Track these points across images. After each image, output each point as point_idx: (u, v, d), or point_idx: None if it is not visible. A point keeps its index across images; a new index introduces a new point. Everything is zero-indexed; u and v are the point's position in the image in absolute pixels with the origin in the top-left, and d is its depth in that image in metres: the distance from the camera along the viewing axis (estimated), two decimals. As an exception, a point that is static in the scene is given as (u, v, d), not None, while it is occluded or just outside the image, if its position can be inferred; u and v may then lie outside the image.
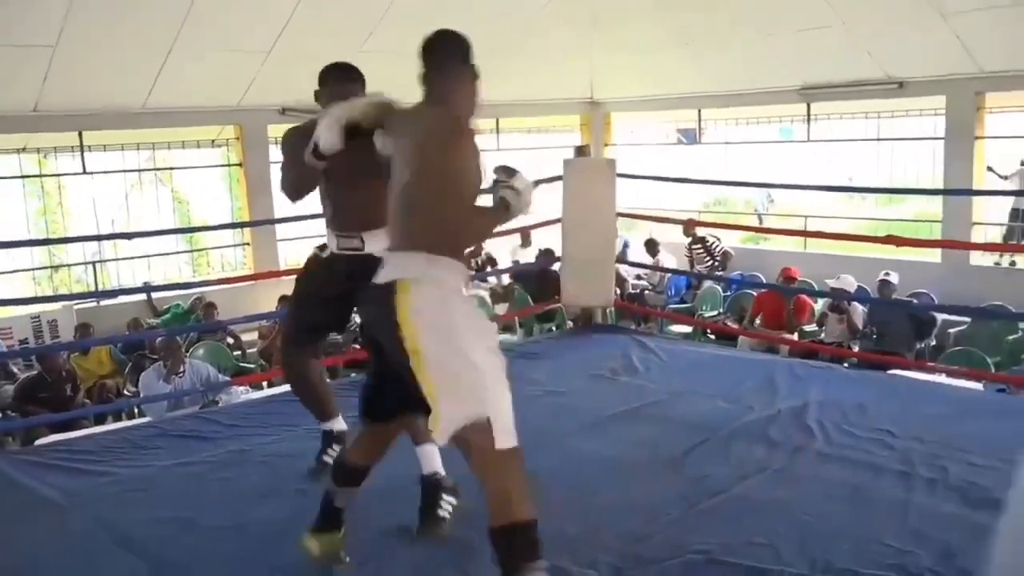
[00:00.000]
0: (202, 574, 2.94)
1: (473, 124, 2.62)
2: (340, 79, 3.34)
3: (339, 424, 3.68)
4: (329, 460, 3.57)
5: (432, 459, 3.13)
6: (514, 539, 2.38)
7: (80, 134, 9.81)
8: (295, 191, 3.33)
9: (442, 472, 3.14)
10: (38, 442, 5.18)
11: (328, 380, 3.97)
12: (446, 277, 2.48)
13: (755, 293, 9.35)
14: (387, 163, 2.82)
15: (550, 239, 9.75)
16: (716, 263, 11.01)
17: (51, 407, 6.91)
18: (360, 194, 3.27)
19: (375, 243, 3.21)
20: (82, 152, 9.98)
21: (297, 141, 3.24)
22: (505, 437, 2.41)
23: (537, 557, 2.37)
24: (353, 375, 6.16)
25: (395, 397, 2.64)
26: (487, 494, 2.42)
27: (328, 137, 2.95)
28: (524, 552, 2.37)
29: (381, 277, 2.51)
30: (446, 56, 2.73)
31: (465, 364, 2.40)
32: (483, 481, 2.44)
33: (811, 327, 8.57)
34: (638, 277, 11.27)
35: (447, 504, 3.12)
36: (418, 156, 2.53)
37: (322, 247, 3.52)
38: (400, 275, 2.47)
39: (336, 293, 3.39)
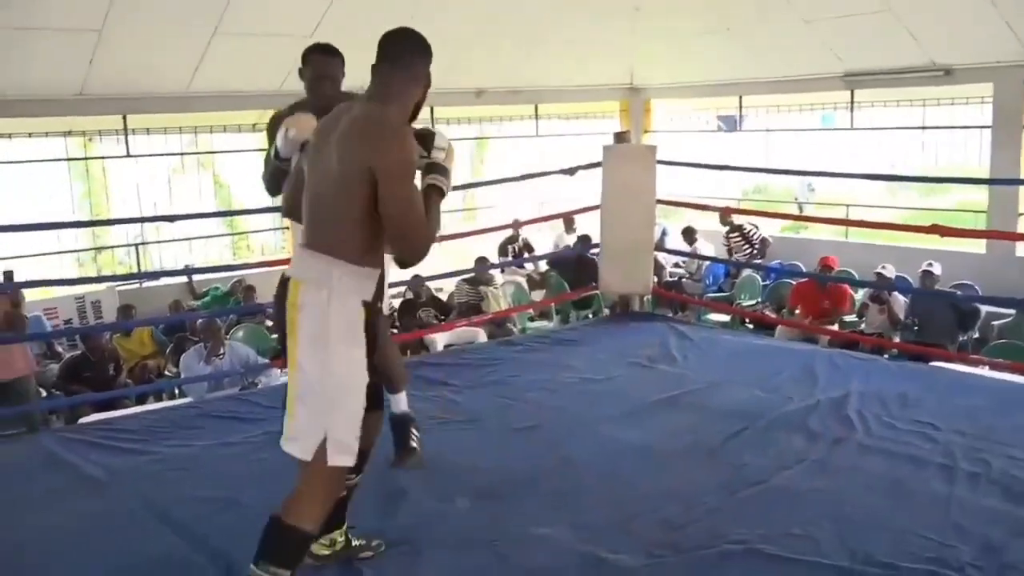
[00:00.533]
0: (241, 553, 2.95)
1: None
2: (321, 58, 3.39)
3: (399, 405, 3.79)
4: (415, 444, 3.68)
5: (401, 402, 3.42)
6: (285, 538, 2.32)
7: (124, 118, 9.94)
8: (269, 187, 3.42)
9: (409, 412, 3.44)
10: (81, 420, 5.28)
11: None
12: (346, 283, 2.33)
13: (794, 283, 9.27)
14: None
15: (587, 225, 9.75)
16: (755, 251, 10.93)
17: (94, 386, 7.04)
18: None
19: None
20: (126, 136, 10.11)
21: (273, 132, 3.32)
22: (338, 455, 2.32)
23: (289, 568, 2.30)
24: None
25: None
26: (295, 491, 2.37)
27: (285, 148, 3.07)
28: (283, 555, 2.32)
29: (293, 272, 2.42)
30: (412, 53, 2.55)
31: (324, 373, 2.31)
32: (300, 481, 2.39)
33: (851, 317, 8.48)
34: (676, 265, 11.23)
35: (415, 435, 3.44)
36: (347, 154, 2.33)
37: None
38: (304, 275, 2.37)
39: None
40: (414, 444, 3.44)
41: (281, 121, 3.25)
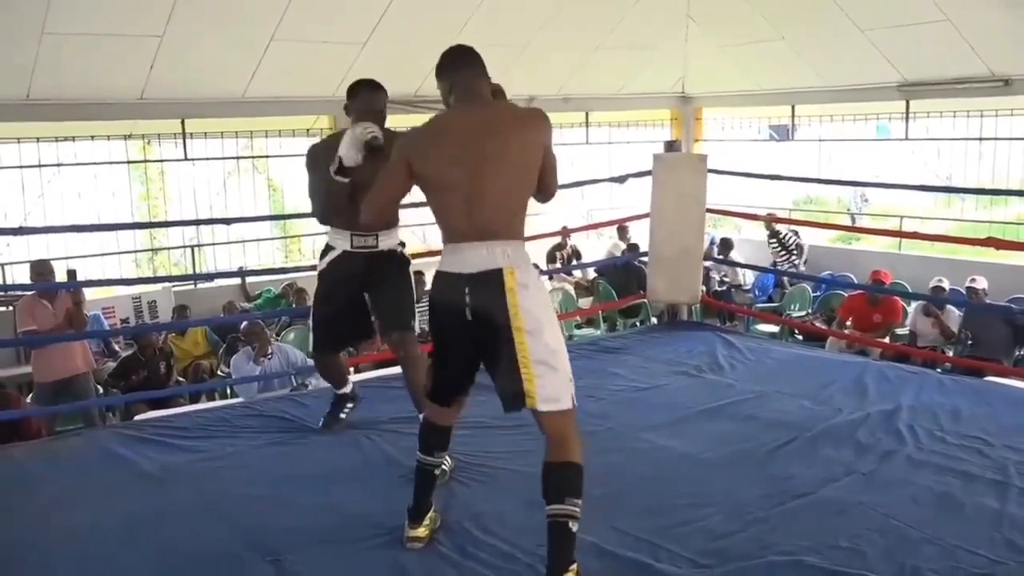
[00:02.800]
0: (298, 547, 3.03)
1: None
2: (370, 94, 3.73)
3: (348, 387, 4.33)
4: (344, 416, 4.29)
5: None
6: (573, 475, 2.65)
7: (183, 122, 10.12)
8: (324, 210, 3.86)
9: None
10: (137, 417, 5.37)
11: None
12: (528, 261, 2.75)
13: (845, 294, 9.17)
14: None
15: (635, 233, 9.75)
16: (793, 257, 10.85)
17: (144, 385, 7.19)
18: None
19: (387, 241, 3.86)
20: (184, 139, 10.30)
21: (321, 156, 3.69)
22: (573, 398, 2.73)
23: (578, 495, 2.63)
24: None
25: (467, 381, 2.93)
26: (563, 437, 2.69)
27: (350, 154, 3.47)
28: (577, 488, 2.64)
29: (483, 265, 2.68)
30: (480, 63, 2.91)
31: (557, 339, 2.71)
32: (552, 434, 2.70)
33: (903, 330, 8.36)
34: (724, 275, 11.16)
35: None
36: (511, 156, 2.71)
37: (325, 251, 3.97)
38: (504, 263, 2.67)
39: (354, 290, 3.90)
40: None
41: (319, 152, 3.72)
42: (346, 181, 3.54)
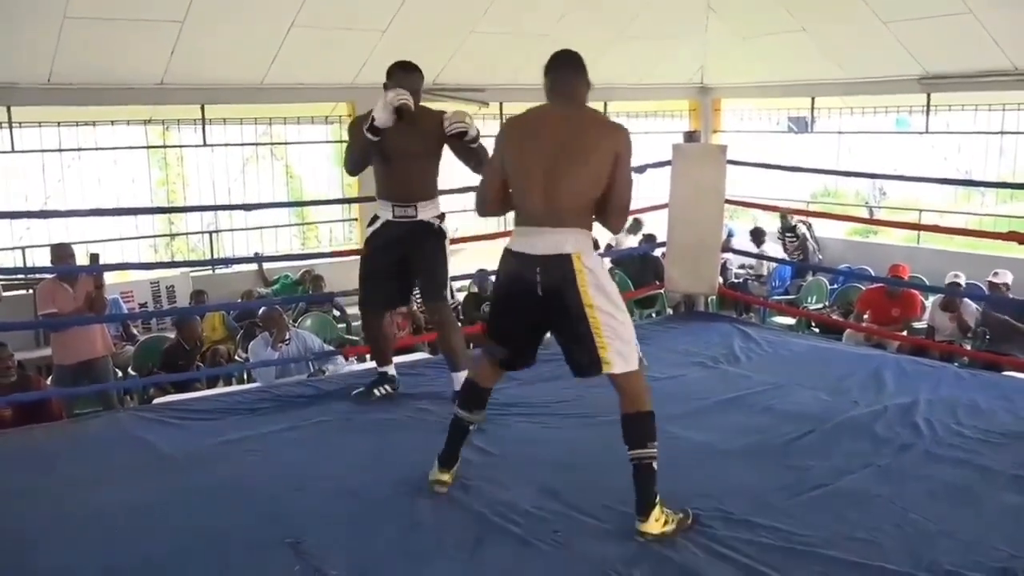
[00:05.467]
0: (316, 530, 3.06)
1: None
2: (406, 75, 4.00)
3: (392, 370, 4.57)
4: (379, 393, 4.48)
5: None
6: (647, 421, 3.03)
7: (202, 108, 10.16)
8: (354, 166, 4.14)
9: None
10: (155, 401, 5.41)
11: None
12: (592, 247, 3.07)
13: (862, 287, 9.13)
14: (433, 143, 3.98)
15: (652, 224, 9.72)
16: (808, 249, 10.91)
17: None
18: (414, 170, 4.08)
19: (426, 212, 4.16)
20: (203, 125, 10.34)
21: (360, 125, 3.98)
22: (639, 358, 3.08)
23: (654, 439, 3.00)
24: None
25: (522, 347, 3.25)
26: (631, 391, 3.04)
27: (382, 116, 3.80)
28: (652, 432, 3.02)
29: (554, 249, 2.98)
30: (579, 67, 3.17)
31: (622, 312, 3.06)
32: (625, 390, 3.04)
33: (921, 324, 8.32)
34: (741, 266, 11.14)
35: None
36: (585, 153, 2.99)
37: (372, 220, 4.28)
38: (573, 248, 2.98)
39: (396, 255, 4.20)
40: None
41: (360, 124, 4.00)
42: (375, 139, 3.89)
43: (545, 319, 3.11)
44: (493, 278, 3.36)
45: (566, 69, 3.13)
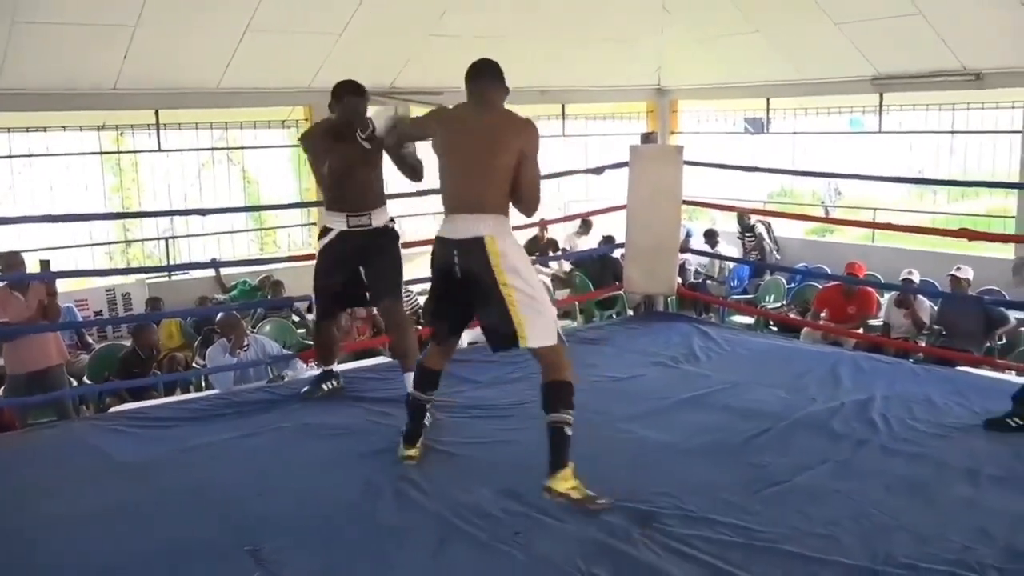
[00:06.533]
0: (275, 537, 3.04)
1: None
2: (354, 100, 4.12)
3: (334, 366, 4.71)
4: (327, 388, 4.59)
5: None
6: (565, 390, 3.25)
7: (156, 112, 10.04)
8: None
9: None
10: (112, 409, 5.30)
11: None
12: (508, 230, 3.34)
13: (819, 285, 9.23)
14: (375, 151, 4.07)
15: (610, 225, 9.75)
16: (767, 249, 11.06)
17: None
18: (364, 179, 4.17)
19: (379, 218, 4.26)
20: (157, 130, 10.21)
21: (321, 137, 4.20)
22: (560, 333, 3.33)
23: (571, 407, 3.23)
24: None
25: (459, 324, 3.58)
26: (551, 364, 3.29)
27: (384, 124, 3.85)
28: (568, 399, 3.24)
29: (469, 233, 3.25)
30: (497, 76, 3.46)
31: (539, 291, 3.30)
32: (547, 358, 3.29)
33: (877, 321, 8.43)
34: (700, 266, 11.22)
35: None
36: (499, 146, 3.29)
37: (324, 231, 4.34)
38: (486, 231, 3.24)
39: (353, 266, 4.25)
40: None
41: (311, 139, 4.26)
42: (368, 146, 4.06)
43: (467, 298, 3.38)
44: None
45: (484, 78, 3.42)
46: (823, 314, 8.44)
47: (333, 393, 4.62)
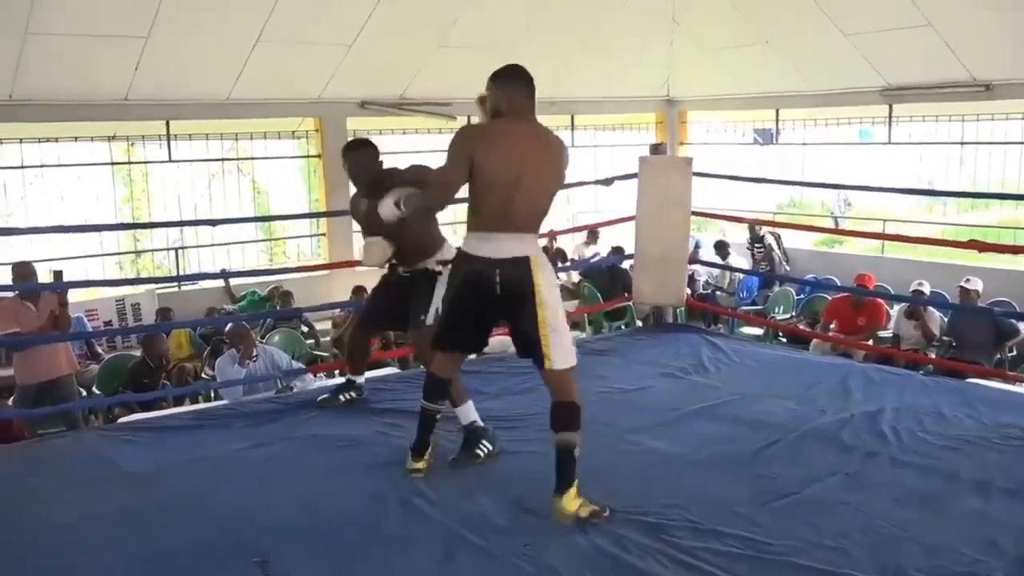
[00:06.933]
0: (283, 548, 3.03)
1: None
2: (363, 152, 4.32)
3: (361, 379, 4.68)
4: (344, 399, 4.59)
5: (469, 414, 3.87)
6: (574, 411, 3.25)
7: (167, 123, 10.07)
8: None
9: (479, 422, 3.86)
10: (121, 420, 5.32)
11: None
12: (542, 252, 3.37)
13: (829, 297, 9.20)
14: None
15: (619, 236, 9.76)
16: (776, 260, 11.03)
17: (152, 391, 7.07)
18: (407, 235, 4.13)
19: (427, 263, 4.26)
20: (168, 141, 10.24)
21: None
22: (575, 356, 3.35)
23: (579, 427, 3.23)
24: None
25: (472, 339, 3.52)
26: (561, 388, 3.28)
27: (388, 216, 3.69)
28: (577, 421, 3.24)
29: (514, 252, 3.26)
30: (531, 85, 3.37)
31: (562, 313, 3.34)
32: (558, 382, 3.29)
33: (886, 333, 8.39)
34: (708, 278, 11.20)
35: (485, 446, 3.83)
36: (552, 167, 3.35)
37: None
38: (532, 252, 3.28)
39: (399, 294, 4.33)
40: (479, 452, 3.82)
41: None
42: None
43: (500, 314, 3.41)
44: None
45: (531, 89, 3.33)
46: (832, 325, 8.40)
47: (350, 404, 4.61)
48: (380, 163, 4.35)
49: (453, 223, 7.06)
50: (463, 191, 3.36)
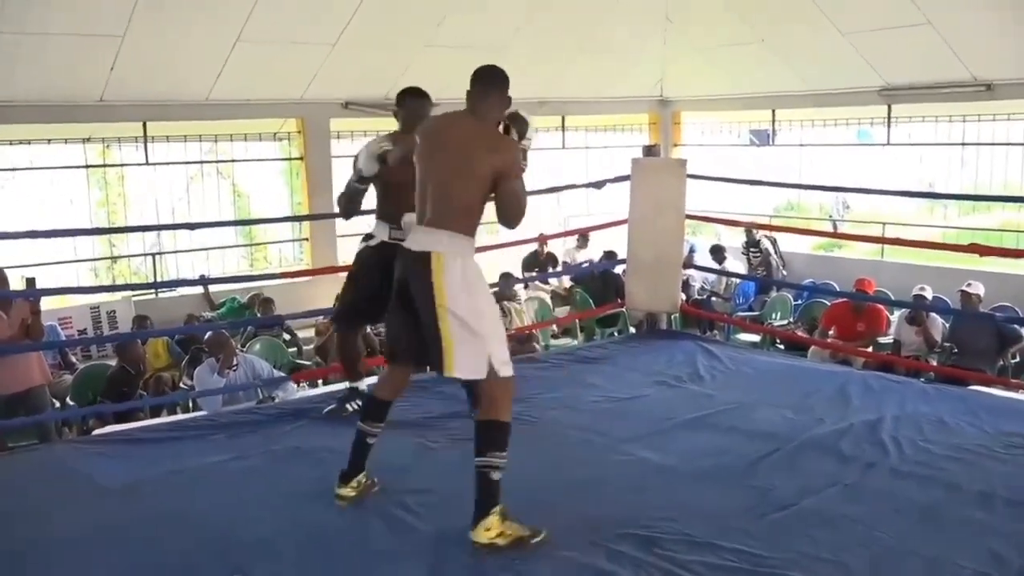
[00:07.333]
0: (263, 563, 2.98)
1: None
2: (416, 101, 4.16)
3: (363, 385, 4.51)
4: (351, 408, 4.41)
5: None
6: (497, 431, 3.02)
7: (144, 125, 9.92)
8: (347, 210, 4.32)
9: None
10: (96, 432, 5.22)
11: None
12: (467, 249, 3.11)
13: (827, 302, 9.01)
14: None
15: (612, 240, 9.56)
16: (772, 264, 10.87)
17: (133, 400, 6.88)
18: (409, 197, 3.77)
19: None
20: (145, 143, 10.08)
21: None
22: (506, 369, 3.04)
23: (502, 449, 3.00)
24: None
25: (414, 346, 3.21)
26: (486, 399, 3.05)
27: (368, 165, 3.92)
28: (500, 442, 3.01)
29: (420, 247, 3.07)
30: (491, 84, 3.23)
31: (483, 320, 3.04)
32: (480, 397, 3.11)
33: (887, 339, 8.20)
34: (704, 283, 11.01)
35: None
36: (471, 161, 3.09)
37: (368, 236, 4.26)
38: (433, 247, 3.05)
39: (385, 274, 3.94)
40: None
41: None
42: (363, 188, 4.13)
43: (410, 314, 3.18)
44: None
45: (476, 85, 3.22)
46: (831, 332, 8.23)
47: (358, 413, 4.42)
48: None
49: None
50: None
